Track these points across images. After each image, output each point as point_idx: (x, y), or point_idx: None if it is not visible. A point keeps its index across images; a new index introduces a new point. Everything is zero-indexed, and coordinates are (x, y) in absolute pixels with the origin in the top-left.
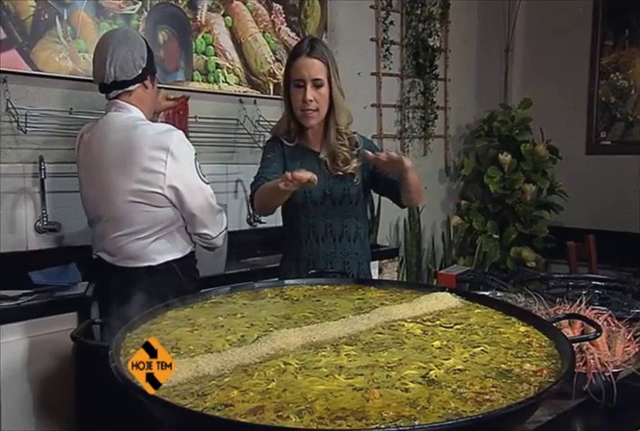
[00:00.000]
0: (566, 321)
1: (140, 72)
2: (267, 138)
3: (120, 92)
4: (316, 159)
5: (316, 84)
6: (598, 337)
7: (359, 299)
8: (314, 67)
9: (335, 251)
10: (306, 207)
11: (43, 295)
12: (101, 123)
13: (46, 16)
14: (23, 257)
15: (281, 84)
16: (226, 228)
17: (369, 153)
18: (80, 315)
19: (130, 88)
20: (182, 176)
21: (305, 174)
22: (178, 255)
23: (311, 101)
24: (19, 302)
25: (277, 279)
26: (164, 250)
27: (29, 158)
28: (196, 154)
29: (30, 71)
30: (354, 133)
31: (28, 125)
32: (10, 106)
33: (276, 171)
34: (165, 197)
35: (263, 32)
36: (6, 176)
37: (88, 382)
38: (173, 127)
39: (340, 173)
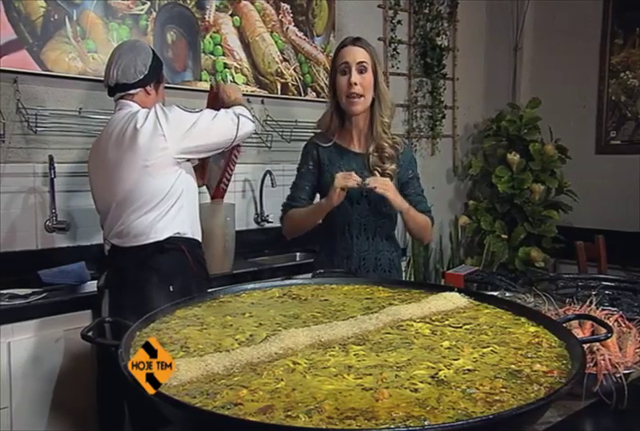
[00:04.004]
0: (576, 321)
1: (141, 77)
2: (274, 138)
3: (123, 94)
4: (355, 158)
5: (361, 68)
6: (609, 338)
7: (367, 299)
8: (359, 53)
9: (368, 249)
10: (343, 205)
11: (53, 294)
12: (107, 124)
13: (55, 17)
14: (33, 256)
15: (329, 76)
16: (237, 117)
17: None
18: (94, 313)
19: (131, 91)
20: (181, 138)
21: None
22: (185, 230)
23: (356, 84)
24: (29, 300)
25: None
26: (170, 225)
27: (39, 158)
28: (177, 105)
29: (40, 71)
30: (399, 137)
31: (38, 125)
32: (20, 106)
33: (305, 197)
34: (174, 158)
35: (271, 32)
36: (17, 175)
37: (109, 380)
38: (150, 107)
39: (378, 171)
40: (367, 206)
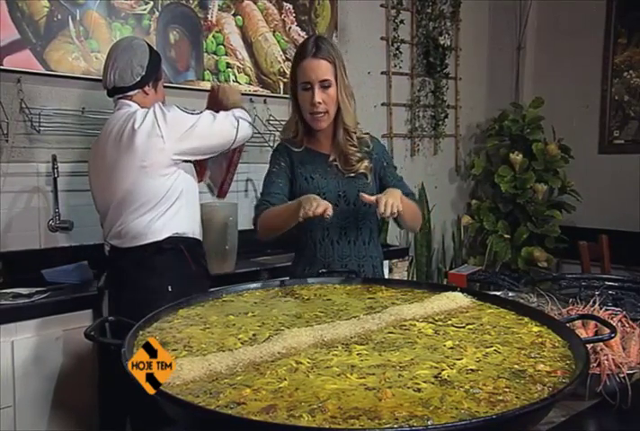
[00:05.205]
0: (580, 321)
1: (139, 79)
2: (277, 138)
3: (121, 96)
4: (327, 161)
5: (324, 85)
6: (612, 338)
7: (370, 298)
8: (321, 69)
9: (350, 254)
10: None
11: (56, 293)
12: (106, 123)
13: (59, 17)
14: (37, 255)
15: (289, 85)
16: (237, 121)
17: (365, 196)
18: (95, 312)
19: (129, 93)
20: (179, 139)
21: (320, 208)
22: (184, 230)
23: (320, 103)
24: (33, 299)
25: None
26: (169, 225)
27: (42, 157)
28: (176, 106)
29: (43, 71)
30: (366, 134)
31: (41, 124)
32: (24, 106)
33: (280, 192)
34: (172, 159)
35: (274, 32)
36: (20, 175)
37: (111, 379)
38: (151, 106)
39: (352, 175)
40: (345, 208)
